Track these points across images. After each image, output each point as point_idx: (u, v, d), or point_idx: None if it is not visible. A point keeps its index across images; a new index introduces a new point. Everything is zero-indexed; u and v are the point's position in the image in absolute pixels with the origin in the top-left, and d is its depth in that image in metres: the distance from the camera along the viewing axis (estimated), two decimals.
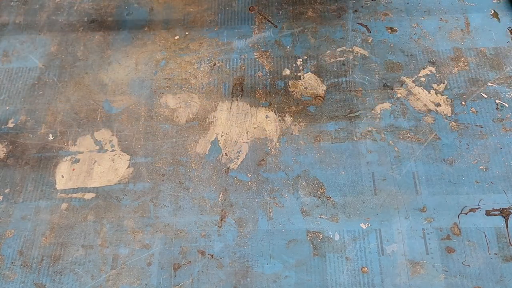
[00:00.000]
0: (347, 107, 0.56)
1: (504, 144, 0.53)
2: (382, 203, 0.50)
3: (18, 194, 0.54)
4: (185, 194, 0.53)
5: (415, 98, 0.56)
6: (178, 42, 0.63)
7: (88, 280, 0.49)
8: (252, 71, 0.60)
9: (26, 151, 0.57)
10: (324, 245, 0.49)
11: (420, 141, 0.54)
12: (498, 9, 0.62)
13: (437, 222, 0.49)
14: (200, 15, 0.65)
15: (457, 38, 0.60)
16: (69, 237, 0.51)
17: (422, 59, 0.59)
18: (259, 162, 0.54)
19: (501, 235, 0.48)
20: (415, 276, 0.46)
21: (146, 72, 0.61)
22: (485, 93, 0.56)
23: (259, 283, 0.47)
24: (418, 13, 0.63)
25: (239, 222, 0.51)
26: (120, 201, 0.53)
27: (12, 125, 0.59)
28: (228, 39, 0.63)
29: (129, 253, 0.50)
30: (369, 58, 0.60)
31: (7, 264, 0.50)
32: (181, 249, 0.50)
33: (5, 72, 0.63)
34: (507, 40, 0.60)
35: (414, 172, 0.52)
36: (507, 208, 0.49)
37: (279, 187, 0.52)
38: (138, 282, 0.48)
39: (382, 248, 0.48)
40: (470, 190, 0.50)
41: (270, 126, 0.56)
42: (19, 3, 0.68)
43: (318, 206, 0.51)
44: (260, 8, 0.65)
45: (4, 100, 0.61)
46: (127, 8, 0.67)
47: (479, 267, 0.46)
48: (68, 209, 0.53)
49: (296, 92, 0.58)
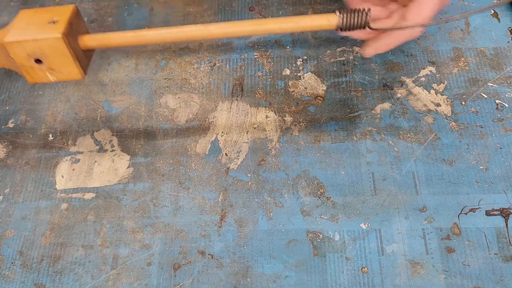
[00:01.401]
0: (347, 107, 0.56)
1: (504, 144, 0.53)
2: (382, 203, 0.50)
3: (18, 194, 0.54)
4: (185, 194, 0.53)
5: (415, 98, 0.56)
6: (178, 42, 0.63)
7: (88, 280, 0.49)
8: (252, 71, 0.60)
9: (26, 151, 0.57)
10: (324, 245, 0.49)
11: (420, 141, 0.54)
12: (498, 9, 0.62)
13: (437, 222, 0.49)
14: (200, 15, 0.65)
15: (457, 38, 0.60)
16: (69, 237, 0.51)
17: (422, 59, 0.59)
18: (259, 162, 0.54)
19: (501, 235, 0.48)
20: (415, 276, 0.46)
21: (146, 72, 0.61)
22: (485, 93, 0.56)
23: (259, 283, 0.47)
24: None
25: (239, 222, 0.51)
26: (120, 201, 0.53)
27: (12, 125, 0.59)
28: (228, 39, 0.63)
29: (129, 253, 0.50)
30: (369, 58, 0.60)
31: (7, 264, 0.50)
32: (181, 249, 0.50)
33: (5, 72, 0.63)
34: (507, 40, 0.60)
35: (414, 172, 0.52)
36: (507, 208, 0.49)
37: (279, 187, 0.52)
38: (138, 282, 0.48)
39: (382, 248, 0.48)
40: (470, 190, 0.50)
41: (270, 126, 0.56)
42: (19, 3, 0.68)
43: (318, 206, 0.51)
44: (260, 8, 0.65)
45: (4, 100, 0.61)
46: (127, 8, 0.67)
47: (479, 267, 0.46)
48: (68, 209, 0.53)
49: (296, 92, 0.58)
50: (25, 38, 0.41)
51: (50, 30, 0.41)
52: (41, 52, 0.43)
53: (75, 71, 0.44)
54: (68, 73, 0.44)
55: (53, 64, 0.44)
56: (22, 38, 0.41)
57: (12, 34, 0.41)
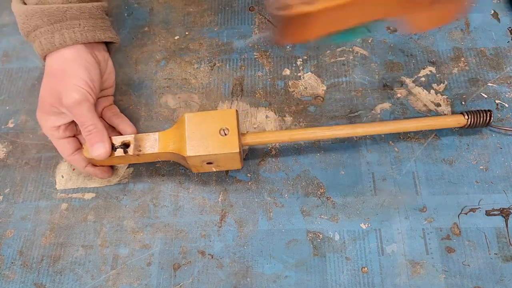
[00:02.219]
0: (347, 107, 0.56)
1: (504, 144, 0.53)
2: (382, 203, 0.50)
3: (18, 194, 0.54)
4: (185, 194, 0.53)
5: (415, 98, 0.56)
6: (178, 42, 0.63)
7: (88, 280, 0.49)
8: (252, 71, 0.60)
9: (26, 151, 0.57)
10: (324, 245, 0.49)
11: (420, 141, 0.54)
12: (498, 9, 0.62)
13: (437, 222, 0.49)
14: (200, 15, 0.65)
15: (457, 38, 0.60)
16: (69, 237, 0.51)
17: (422, 59, 0.59)
18: (259, 162, 0.54)
19: (501, 235, 0.48)
20: (415, 276, 0.46)
21: (146, 72, 0.61)
22: (485, 93, 0.56)
23: (259, 283, 0.47)
24: None
25: (239, 222, 0.51)
26: (120, 201, 0.53)
27: (12, 125, 0.59)
28: (228, 39, 0.63)
29: (129, 253, 0.50)
30: (369, 58, 0.60)
31: (7, 264, 0.50)
32: (181, 249, 0.50)
33: (5, 72, 0.63)
34: (507, 40, 0.60)
35: (414, 172, 0.52)
36: (507, 208, 0.49)
37: (279, 187, 0.52)
38: (138, 282, 0.48)
39: (382, 248, 0.48)
40: (470, 190, 0.50)
41: (270, 126, 0.56)
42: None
43: (318, 206, 0.51)
44: (260, 8, 0.65)
45: (4, 100, 0.61)
46: (127, 8, 0.67)
47: (479, 267, 0.46)
48: (68, 209, 0.53)
49: (296, 92, 0.58)
50: (205, 153, 0.46)
51: (226, 145, 0.46)
52: (215, 159, 0.48)
53: (238, 165, 0.50)
54: (231, 166, 0.51)
55: (222, 163, 0.49)
56: (203, 153, 0.46)
57: (191, 147, 0.46)
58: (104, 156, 0.48)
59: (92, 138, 0.48)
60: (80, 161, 0.51)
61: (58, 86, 0.48)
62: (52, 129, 0.50)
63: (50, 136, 0.51)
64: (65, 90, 0.47)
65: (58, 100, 0.48)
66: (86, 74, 0.48)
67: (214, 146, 0.46)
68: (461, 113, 0.51)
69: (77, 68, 0.48)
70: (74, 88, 0.47)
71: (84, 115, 0.47)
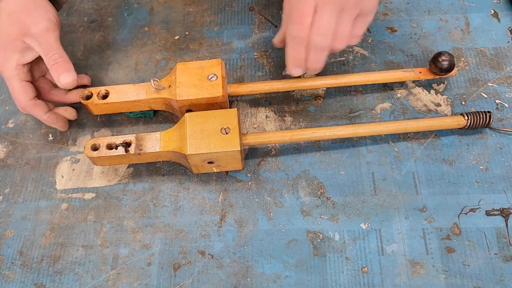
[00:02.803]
0: (347, 107, 0.56)
1: (504, 144, 0.53)
2: (382, 203, 0.50)
3: (18, 194, 0.54)
4: (185, 194, 0.53)
5: (415, 98, 0.56)
6: (178, 42, 0.63)
7: (88, 280, 0.49)
8: (252, 71, 0.60)
9: (26, 151, 0.57)
10: (324, 245, 0.49)
11: (420, 141, 0.54)
12: (498, 9, 0.62)
13: (437, 222, 0.49)
14: (200, 15, 0.65)
15: (457, 38, 0.60)
16: (69, 237, 0.51)
17: (422, 59, 0.59)
18: (259, 162, 0.54)
19: (501, 235, 0.48)
20: (415, 276, 0.46)
21: (146, 72, 0.61)
22: (485, 93, 0.56)
23: (259, 283, 0.47)
24: (418, 13, 0.63)
25: (239, 222, 0.51)
26: (120, 201, 0.53)
27: (12, 125, 0.59)
28: (228, 39, 0.63)
29: (129, 253, 0.50)
30: (369, 58, 0.60)
31: (7, 264, 0.50)
32: (181, 249, 0.50)
33: None
34: (507, 40, 0.60)
35: (414, 172, 0.52)
36: (507, 208, 0.49)
37: (279, 187, 0.52)
38: (138, 282, 0.48)
39: (382, 248, 0.48)
40: (470, 190, 0.50)
41: (270, 126, 0.56)
42: None
43: (318, 206, 0.51)
44: (260, 8, 0.65)
45: (4, 100, 0.61)
46: (127, 8, 0.67)
47: (479, 267, 0.46)
48: (68, 209, 0.53)
49: (296, 92, 0.58)
50: (206, 151, 0.46)
51: (227, 143, 0.46)
52: (216, 158, 0.48)
53: (238, 165, 0.50)
54: (232, 167, 0.51)
55: (222, 163, 0.49)
56: (204, 151, 0.46)
57: (193, 145, 0.46)
58: (73, 84, 0.49)
59: (59, 68, 0.49)
60: (41, 106, 0.52)
61: (23, 18, 0.48)
62: (17, 67, 0.50)
63: (13, 79, 0.50)
64: (33, 19, 0.48)
65: (23, 31, 0.48)
66: (50, 7, 0.50)
67: (215, 144, 0.46)
68: (461, 114, 0.51)
69: (40, 2, 0.49)
70: (42, 17, 0.48)
71: (51, 44, 0.48)
